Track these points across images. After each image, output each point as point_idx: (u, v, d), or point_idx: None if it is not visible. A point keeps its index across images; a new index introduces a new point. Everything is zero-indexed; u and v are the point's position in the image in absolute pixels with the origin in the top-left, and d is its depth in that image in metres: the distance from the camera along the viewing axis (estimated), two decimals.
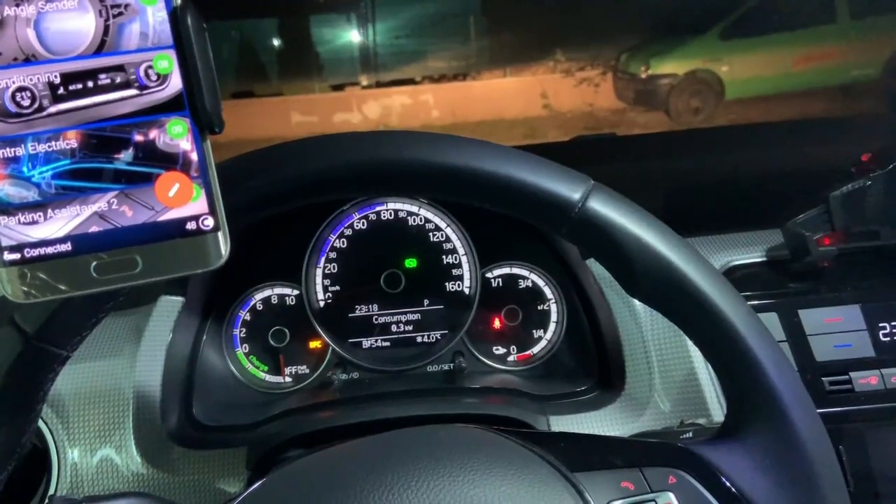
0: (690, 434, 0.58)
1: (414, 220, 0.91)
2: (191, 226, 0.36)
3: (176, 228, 0.36)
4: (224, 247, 0.36)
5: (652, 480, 0.45)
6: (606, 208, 0.45)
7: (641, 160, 1.19)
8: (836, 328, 0.75)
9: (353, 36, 4.04)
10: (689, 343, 0.75)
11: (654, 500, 0.44)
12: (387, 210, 0.91)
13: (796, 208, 0.78)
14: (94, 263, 0.34)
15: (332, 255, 0.90)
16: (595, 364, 0.87)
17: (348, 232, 0.91)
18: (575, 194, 0.45)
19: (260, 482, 0.46)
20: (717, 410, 0.72)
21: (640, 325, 0.78)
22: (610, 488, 0.44)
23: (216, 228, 0.36)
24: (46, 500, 0.57)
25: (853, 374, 0.74)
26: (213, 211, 0.36)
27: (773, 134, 1.34)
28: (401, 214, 0.91)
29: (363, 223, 0.91)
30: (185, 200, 0.36)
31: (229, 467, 0.71)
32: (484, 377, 0.89)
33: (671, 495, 0.44)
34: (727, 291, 0.45)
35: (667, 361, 0.76)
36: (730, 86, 3.96)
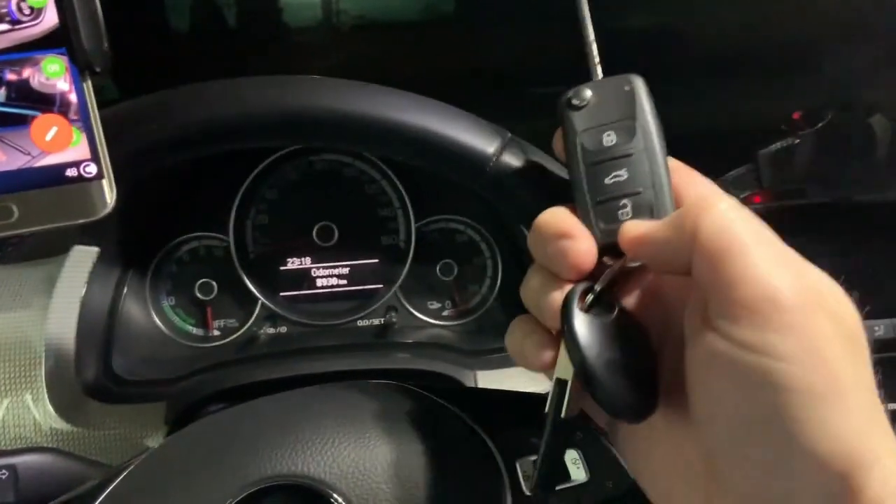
0: None
1: (348, 172, 0.89)
2: (71, 172, 0.34)
3: (55, 175, 0.34)
4: (109, 196, 0.34)
5: None
6: (521, 162, 0.44)
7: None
8: None
9: None
10: None
11: None
12: (320, 160, 0.88)
13: (723, 167, 0.78)
14: None
15: (263, 205, 0.88)
16: None
17: (280, 182, 0.88)
18: (490, 147, 0.44)
19: (167, 438, 0.45)
20: None
21: None
22: (524, 444, 0.44)
23: (100, 176, 0.34)
24: None
25: None
26: (95, 157, 0.34)
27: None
28: (334, 165, 0.88)
29: (295, 173, 0.88)
30: (64, 145, 0.34)
31: (148, 422, 0.69)
32: (416, 332, 0.88)
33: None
34: None
35: None
36: None
